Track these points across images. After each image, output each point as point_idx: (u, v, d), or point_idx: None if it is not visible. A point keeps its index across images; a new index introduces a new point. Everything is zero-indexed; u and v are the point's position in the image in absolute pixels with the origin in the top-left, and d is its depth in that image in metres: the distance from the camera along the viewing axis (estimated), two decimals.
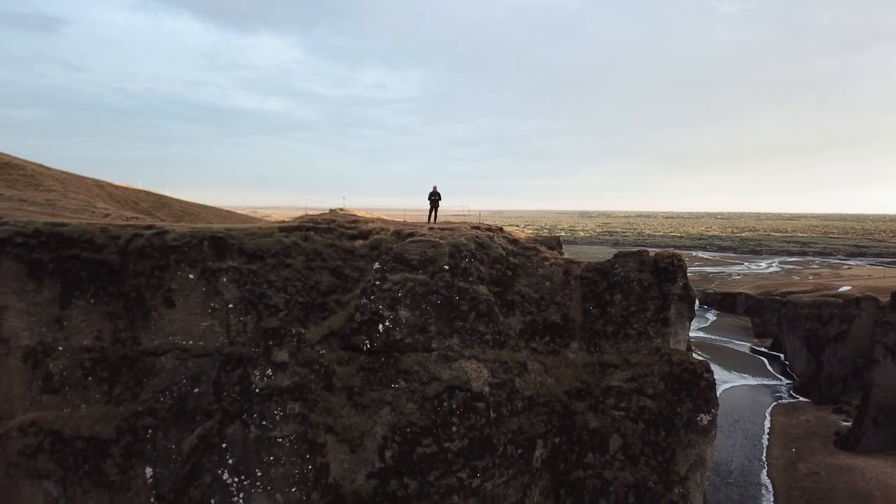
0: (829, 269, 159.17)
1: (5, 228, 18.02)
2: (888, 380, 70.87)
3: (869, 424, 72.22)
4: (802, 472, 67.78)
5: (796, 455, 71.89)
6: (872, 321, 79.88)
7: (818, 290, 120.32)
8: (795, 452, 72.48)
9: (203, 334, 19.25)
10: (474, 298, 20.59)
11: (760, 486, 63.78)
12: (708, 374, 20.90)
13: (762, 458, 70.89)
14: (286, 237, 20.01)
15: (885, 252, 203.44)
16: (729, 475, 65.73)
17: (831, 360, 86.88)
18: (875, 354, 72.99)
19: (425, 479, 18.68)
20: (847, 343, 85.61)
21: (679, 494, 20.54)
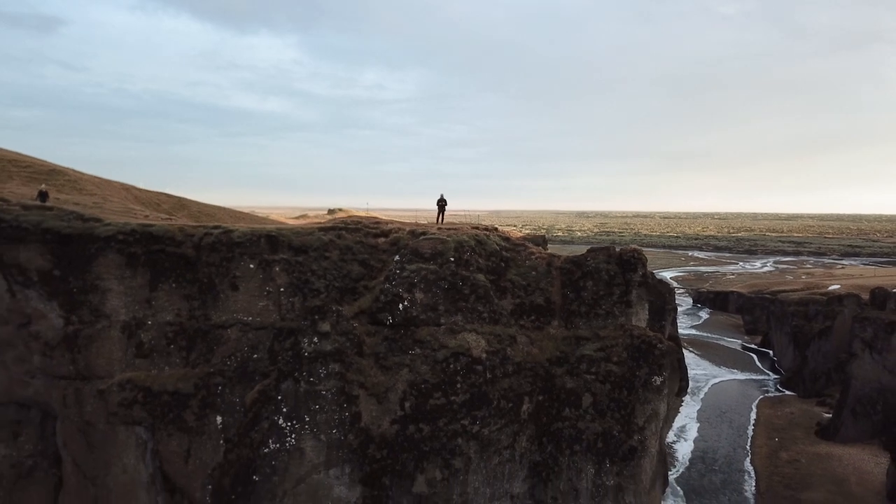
0: (822, 269, 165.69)
1: (109, 228, 23.83)
2: (866, 372, 77.09)
3: (848, 415, 78.47)
4: (784, 460, 74.39)
5: (779, 444, 78.41)
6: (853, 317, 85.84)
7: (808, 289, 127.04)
8: (778, 442, 78.98)
9: (260, 312, 25.11)
10: (474, 284, 26.54)
11: (744, 473, 70.32)
12: (661, 345, 26.89)
13: (746, 447, 77.42)
14: (324, 235, 25.90)
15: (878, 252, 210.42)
16: (714, 462, 72.20)
17: (816, 355, 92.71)
18: (854, 348, 79.01)
19: (436, 425, 24.56)
20: (831, 339, 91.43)
21: (638, 440, 26.47)
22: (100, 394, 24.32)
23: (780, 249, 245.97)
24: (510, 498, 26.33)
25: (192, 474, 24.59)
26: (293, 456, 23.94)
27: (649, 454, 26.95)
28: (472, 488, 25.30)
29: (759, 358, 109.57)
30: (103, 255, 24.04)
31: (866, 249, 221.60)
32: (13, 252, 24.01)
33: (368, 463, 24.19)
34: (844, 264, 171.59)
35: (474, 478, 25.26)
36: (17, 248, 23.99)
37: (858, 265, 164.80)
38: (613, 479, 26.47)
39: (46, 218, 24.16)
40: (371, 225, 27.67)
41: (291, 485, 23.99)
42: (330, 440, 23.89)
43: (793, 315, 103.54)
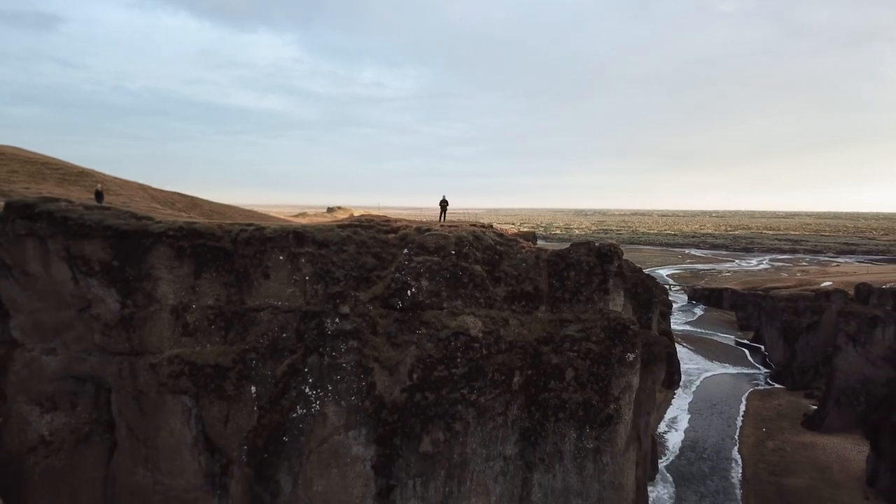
0: (817, 267, 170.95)
1: (160, 225, 28.74)
2: (849, 365, 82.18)
3: (832, 406, 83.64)
4: (770, 448, 79.81)
5: (766, 434, 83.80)
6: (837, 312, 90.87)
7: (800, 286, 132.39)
8: (765, 432, 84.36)
9: (288, 297, 30.07)
10: (472, 274, 31.52)
11: (731, 461, 75.64)
12: (634, 326, 31.91)
13: (735, 437, 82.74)
14: (343, 231, 30.84)
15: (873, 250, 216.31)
16: (703, 451, 77.51)
17: (804, 349, 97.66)
18: (838, 341, 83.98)
19: (439, 394, 29.51)
20: (818, 333, 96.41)
21: (614, 409, 31.49)
22: (151, 367, 29.21)
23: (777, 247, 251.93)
24: (503, 459, 31.34)
25: (230, 436, 29.51)
26: (317, 420, 28.87)
27: (623, 421, 31.98)
28: (471, 449, 30.29)
29: (750, 353, 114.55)
30: (156, 249, 28.97)
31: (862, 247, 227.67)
32: (79, 246, 28.90)
33: (381, 426, 29.15)
34: (839, 262, 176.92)
35: (472, 440, 30.24)
36: (81, 242, 28.88)
37: (853, 263, 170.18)
38: (593, 442, 31.50)
39: (106, 217, 29.06)
40: (382, 223, 32.65)
41: (316, 444, 28.91)
42: (349, 406, 28.83)
43: (783, 311, 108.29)
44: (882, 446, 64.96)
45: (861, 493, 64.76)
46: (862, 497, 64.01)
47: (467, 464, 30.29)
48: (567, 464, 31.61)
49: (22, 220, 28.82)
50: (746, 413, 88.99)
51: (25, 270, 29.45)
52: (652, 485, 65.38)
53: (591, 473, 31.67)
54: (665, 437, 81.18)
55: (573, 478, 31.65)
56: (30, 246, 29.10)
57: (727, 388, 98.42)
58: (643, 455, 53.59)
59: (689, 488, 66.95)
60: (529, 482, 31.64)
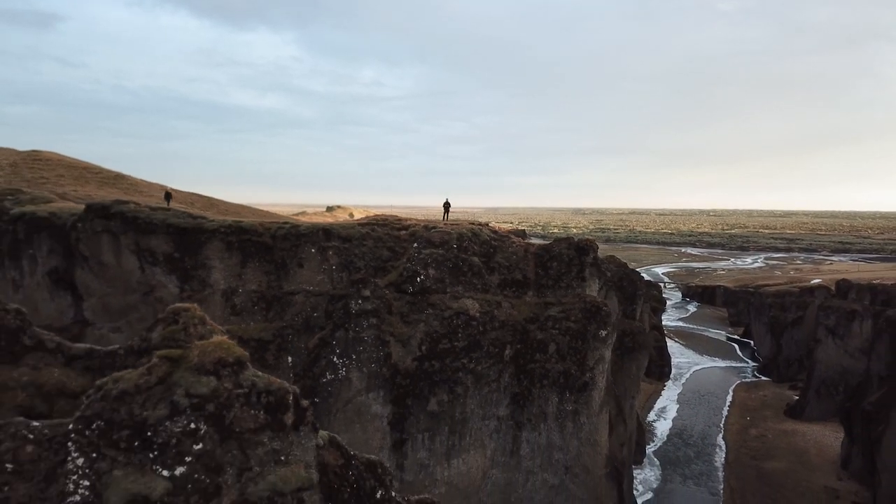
0: (811, 265, 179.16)
1: (213, 223, 36.53)
2: (829, 357, 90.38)
3: (812, 396, 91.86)
4: (752, 435, 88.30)
5: (750, 422, 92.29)
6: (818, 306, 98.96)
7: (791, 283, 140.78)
8: (749, 420, 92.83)
9: (319, 283, 37.92)
10: (471, 264, 39.40)
11: (715, 447, 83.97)
12: (606, 308, 39.84)
13: (720, 425, 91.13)
14: (363, 229, 38.71)
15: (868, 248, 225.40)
16: (690, 438, 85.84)
17: (789, 343, 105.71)
18: (818, 335, 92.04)
19: (443, 362, 37.35)
20: (802, 327, 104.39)
21: (589, 377, 39.38)
22: None
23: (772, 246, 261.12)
24: (497, 418, 39.23)
25: None
26: (343, 384, 36.68)
27: (598, 387, 39.91)
28: (469, 409, 38.16)
29: (740, 347, 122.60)
30: (210, 243, 36.78)
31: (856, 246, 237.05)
32: (146, 240, 36.68)
33: (396, 388, 36.98)
34: (833, 260, 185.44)
35: (471, 401, 38.12)
36: (148, 237, 36.66)
37: (847, 261, 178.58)
38: (572, 405, 39.40)
39: (169, 216, 36.85)
40: (395, 222, 40.57)
41: (342, 404, 36.73)
42: (369, 372, 36.66)
43: (770, 306, 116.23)
44: (854, 431, 72.91)
45: (835, 475, 72.89)
46: (836, 478, 72.13)
47: (467, 422, 38.17)
48: (550, 423, 39.51)
49: (99, 219, 36.57)
50: (733, 403, 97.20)
51: (100, 261, 37.21)
52: (640, 468, 73.53)
53: (571, 431, 39.59)
54: (654, 425, 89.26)
55: (556, 435, 39.56)
56: (105, 240, 36.86)
57: (716, 381, 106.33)
58: (628, 436, 62.25)
59: (674, 471, 74.85)
60: (519, 439, 39.55)
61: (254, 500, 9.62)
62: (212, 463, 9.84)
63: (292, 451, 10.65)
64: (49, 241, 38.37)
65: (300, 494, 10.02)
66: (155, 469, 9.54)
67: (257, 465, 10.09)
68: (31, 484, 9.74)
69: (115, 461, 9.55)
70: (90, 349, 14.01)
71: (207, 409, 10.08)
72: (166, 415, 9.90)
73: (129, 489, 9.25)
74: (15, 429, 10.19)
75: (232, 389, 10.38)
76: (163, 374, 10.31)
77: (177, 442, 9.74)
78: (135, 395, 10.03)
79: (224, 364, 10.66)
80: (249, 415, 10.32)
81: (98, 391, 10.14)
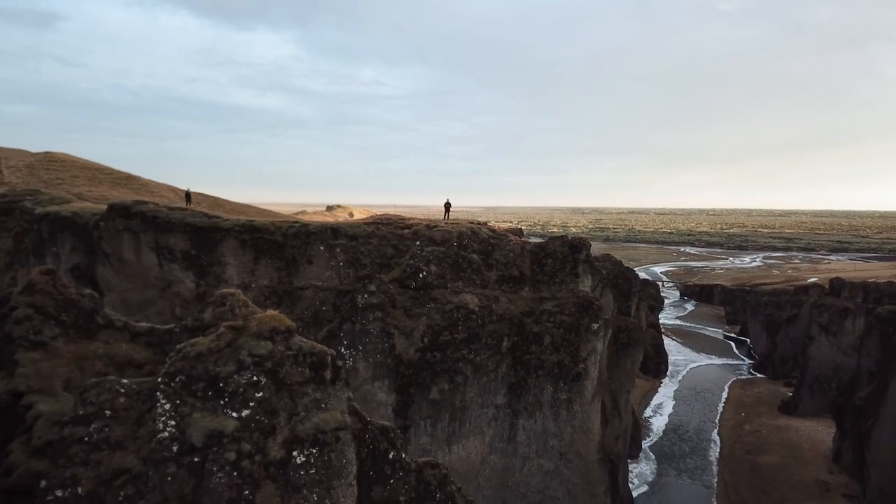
0: (809, 264, 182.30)
1: (228, 222, 39.51)
2: (822, 353, 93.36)
3: (806, 392, 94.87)
4: (747, 430, 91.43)
5: (744, 418, 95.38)
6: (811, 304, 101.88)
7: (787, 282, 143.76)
8: (744, 416, 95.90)
9: (327, 279, 40.91)
10: (470, 261, 42.40)
11: (710, 441, 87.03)
12: (598, 302, 42.87)
13: (715, 421, 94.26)
14: (368, 227, 41.71)
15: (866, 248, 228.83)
16: (685, 433, 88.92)
17: (784, 340, 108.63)
18: (812, 332, 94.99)
19: (445, 353, 40.33)
20: (797, 325, 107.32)
21: (582, 368, 42.39)
22: None
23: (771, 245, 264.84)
24: (495, 407, 42.24)
25: None
26: (351, 373, 39.63)
27: (590, 377, 42.93)
28: (469, 398, 41.17)
29: (736, 345, 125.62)
30: (224, 241, 39.78)
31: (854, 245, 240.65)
32: (164, 238, 39.66)
33: (400, 378, 39.97)
34: (831, 259, 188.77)
35: (470, 390, 41.12)
36: (167, 235, 39.65)
37: (845, 260, 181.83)
38: (566, 394, 42.42)
39: (186, 215, 39.85)
40: (398, 221, 43.60)
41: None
42: (375, 362, 39.64)
43: (766, 305, 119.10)
44: (845, 426, 75.93)
45: (827, 469, 75.89)
46: (827, 472, 75.14)
47: (467, 409, 41.19)
48: (545, 411, 42.53)
49: (121, 219, 39.56)
50: (728, 400, 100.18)
51: (121, 258, 40.19)
52: (636, 462, 76.58)
53: (565, 419, 42.62)
54: (650, 421, 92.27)
55: (550, 422, 42.59)
56: (126, 238, 39.85)
57: (712, 378, 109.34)
58: (623, 429, 65.38)
59: (669, 465, 77.83)
60: (515, 426, 42.57)
61: (302, 436, 12.54)
62: (269, 407, 12.76)
63: (330, 400, 13.60)
64: (72, 239, 41.34)
65: (337, 433, 12.96)
66: (226, 412, 12.48)
67: (303, 411, 13.02)
68: (126, 426, 12.65)
69: (195, 406, 12.48)
70: (151, 327, 16.95)
71: (265, 366, 13.01)
72: (234, 370, 12.82)
73: (206, 427, 12.17)
74: (109, 385, 13.09)
75: (284, 351, 13.32)
76: (230, 340, 13.24)
77: (242, 391, 12.67)
78: (208, 355, 12.96)
79: (277, 332, 13.62)
80: (297, 371, 13.26)
81: (178, 353, 13.08)
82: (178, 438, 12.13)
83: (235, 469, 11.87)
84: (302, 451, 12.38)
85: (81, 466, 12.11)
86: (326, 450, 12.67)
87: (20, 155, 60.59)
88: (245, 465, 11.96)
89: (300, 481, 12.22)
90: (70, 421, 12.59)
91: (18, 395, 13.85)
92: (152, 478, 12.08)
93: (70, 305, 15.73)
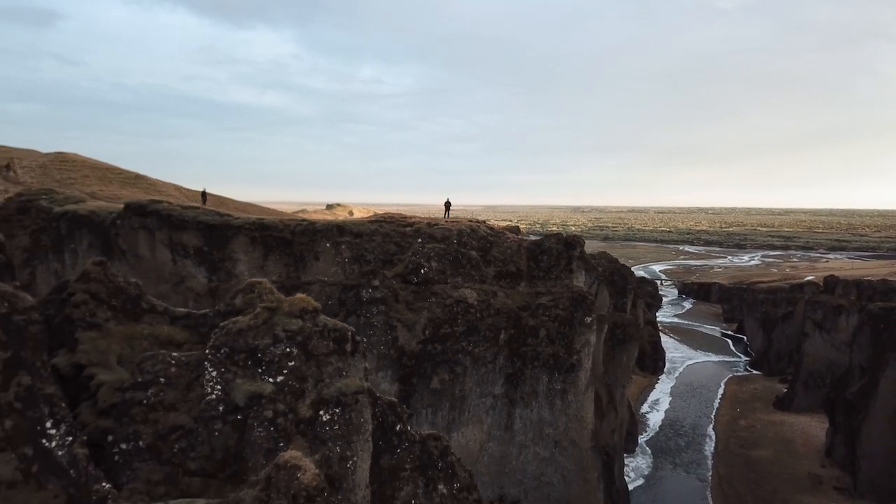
0: (807, 262, 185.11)
1: (239, 220, 42.14)
2: (816, 350, 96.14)
3: (800, 388, 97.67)
4: (742, 426, 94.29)
5: (739, 413, 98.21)
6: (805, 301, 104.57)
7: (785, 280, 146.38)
8: (739, 412, 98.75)
9: (333, 274, 43.56)
10: (469, 257, 45.05)
11: (706, 436, 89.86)
12: (591, 297, 45.54)
13: (711, 416, 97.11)
14: (372, 225, 44.36)
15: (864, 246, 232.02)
16: (681, 428, 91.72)
17: (780, 337, 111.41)
18: (806, 329, 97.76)
19: (445, 345, 42.97)
20: (792, 322, 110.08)
21: (576, 359, 45.07)
22: None
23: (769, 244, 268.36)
24: (493, 396, 44.91)
25: None
26: None
27: (584, 368, 45.61)
28: (468, 387, 43.83)
29: (733, 342, 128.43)
30: (235, 238, 42.42)
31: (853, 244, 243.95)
32: (178, 235, 42.29)
33: (402, 368, 42.60)
34: (829, 258, 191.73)
35: (469, 380, 43.78)
36: (180, 233, 42.27)
37: (843, 259, 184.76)
38: (560, 384, 45.10)
39: (198, 214, 42.50)
40: (400, 219, 46.29)
41: None
42: (379, 354, 42.26)
43: (762, 302, 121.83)
44: (837, 421, 78.67)
45: (819, 462, 78.71)
46: (819, 465, 77.96)
47: (466, 399, 43.84)
48: (541, 401, 45.20)
49: (137, 217, 42.19)
50: (724, 396, 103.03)
51: (136, 254, 42.82)
52: (632, 456, 79.32)
53: (560, 408, 45.30)
54: (647, 417, 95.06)
55: (546, 412, 45.26)
56: (141, 236, 42.48)
57: (708, 374, 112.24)
58: (619, 422, 68.15)
59: (665, 459, 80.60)
60: (513, 415, 45.24)
61: (327, 398, 15.13)
62: (299, 374, 15.36)
63: (350, 369, 16.21)
64: (89, 237, 43.94)
65: (356, 396, 15.57)
66: (263, 378, 15.09)
67: (328, 377, 15.63)
68: (177, 391, 15.25)
69: (237, 373, 15.09)
70: (188, 312, 19.59)
71: (296, 339, 15.61)
72: (270, 343, 15.43)
73: (247, 390, 14.78)
74: (162, 357, 15.71)
75: (311, 327, 15.92)
76: (266, 318, 15.86)
77: (277, 360, 15.28)
78: (248, 331, 15.56)
79: (306, 311, 16.24)
80: (323, 344, 15.86)
81: (222, 329, 15.70)
82: (223, 400, 14.73)
83: (272, 425, 14.50)
84: (327, 411, 15.01)
85: (141, 424, 14.71)
86: (347, 410, 15.30)
87: (32, 155, 63.21)
88: (280, 421, 14.58)
89: (326, 436, 14.84)
90: (130, 387, 15.20)
91: (80, 367, 16.43)
92: (201, 433, 14.70)
93: (119, 292, 18.33)
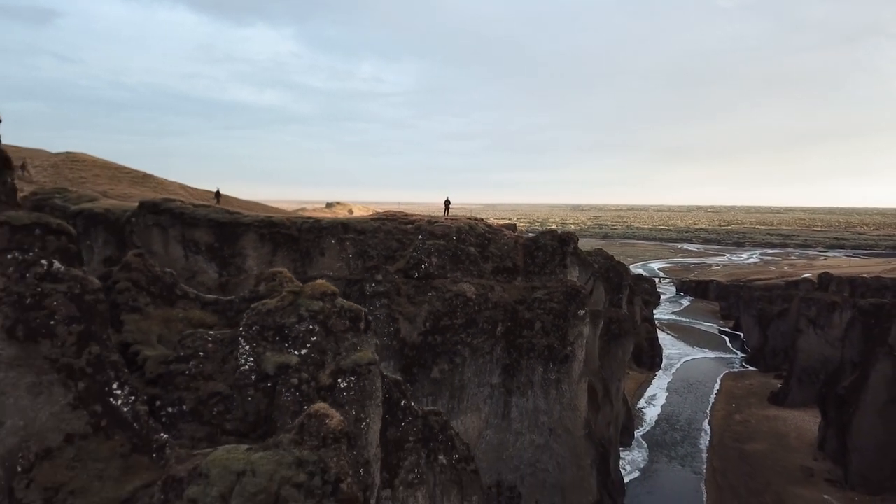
0: (805, 260, 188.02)
1: (248, 218, 44.88)
2: (810, 346, 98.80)
3: (794, 383, 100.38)
4: (736, 420, 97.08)
5: (735, 409, 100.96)
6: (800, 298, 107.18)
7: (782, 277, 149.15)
8: (735, 407, 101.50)
9: (338, 269, 46.31)
10: (468, 253, 47.81)
11: (701, 431, 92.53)
12: (584, 291, 48.31)
13: (706, 411, 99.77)
14: (375, 223, 47.13)
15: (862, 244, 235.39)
16: (677, 423, 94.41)
17: (775, 334, 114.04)
18: (800, 325, 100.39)
19: (445, 337, 45.72)
20: (787, 319, 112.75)
21: (570, 350, 47.84)
22: None
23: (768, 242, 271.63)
24: (490, 386, 47.68)
25: None
26: None
27: (577, 359, 48.39)
28: (467, 377, 46.59)
29: (730, 339, 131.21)
30: (245, 234, 45.16)
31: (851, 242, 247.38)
32: (190, 232, 45.01)
33: (404, 359, 45.35)
34: (827, 256, 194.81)
35: (468, 371, 46.55)
36: (192, 230, 45.00)
37: (841, 257, 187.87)
38: (555, 374, 47.88)
39: (209, 212, 45.24)
40: (402, 217, 49.10)
41: None
42: (382, 345, 45.00)
43: (758, 299, 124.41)
44: (829, 415, 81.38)
45: (811, 456, 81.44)
46: (812, 459, 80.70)
47: (465, 388, 46.62)
48: (536, 390, 47.98)
49: (151, 214, 44.91)
50: (720, 391, 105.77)
51: (151, 250, 45.51)
52: (628, 450, 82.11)
53: (554, 397, 48.08)
54: (643, 412, 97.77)
55: (541, 401, 48.04)
56: (155, 233, 45.21)
57: (705, 370, 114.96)
58: (615, 416, 71.00)
59: (661, 453, 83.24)
60: (509, 404, 48.03)
61: (344, 368, 17.86)
62: (320, 348, 18.08)
63: (363, 344, 18.94)
64: (104, 234, 46.64)
65: (369, 367, 18.32)
66: (289, 351, 17.81)
67: (345, 351, 18.35)
68: (214, 363, 17.98)
69: (267, 347, 17.82)
70: (217, 298, 22.33)
71: (318, 318, 18.32)
72: (295, 321, 18.15)
73: (276, 361, 17.51)
74: (200, 335, 18.43)
75: (331, 308, 18.65)
76: (291, 300, 18.58)
77: (301, 336, 18.00)
78: (276, 311, 18.28)
79: (326, 294, 18.97)
80: (340, 322, 18.58)
81: (254, 310, 18.44)
82: (255, 370, 17.45)
83: (297, 391, 17.21)
84: (344, 379, 17.75)
85: (184, 391, 17.41)
86: (362, 378, 18.04)
87: (43, 155, 65.86)
88: (304, 388, 17.30)
89: (343, 400, 17.57)
90: (174, 360, 17.92)
91: (126, 345, 19.12)
92: (236, 398, 17.42)
93: (156, 280, 21.05)
